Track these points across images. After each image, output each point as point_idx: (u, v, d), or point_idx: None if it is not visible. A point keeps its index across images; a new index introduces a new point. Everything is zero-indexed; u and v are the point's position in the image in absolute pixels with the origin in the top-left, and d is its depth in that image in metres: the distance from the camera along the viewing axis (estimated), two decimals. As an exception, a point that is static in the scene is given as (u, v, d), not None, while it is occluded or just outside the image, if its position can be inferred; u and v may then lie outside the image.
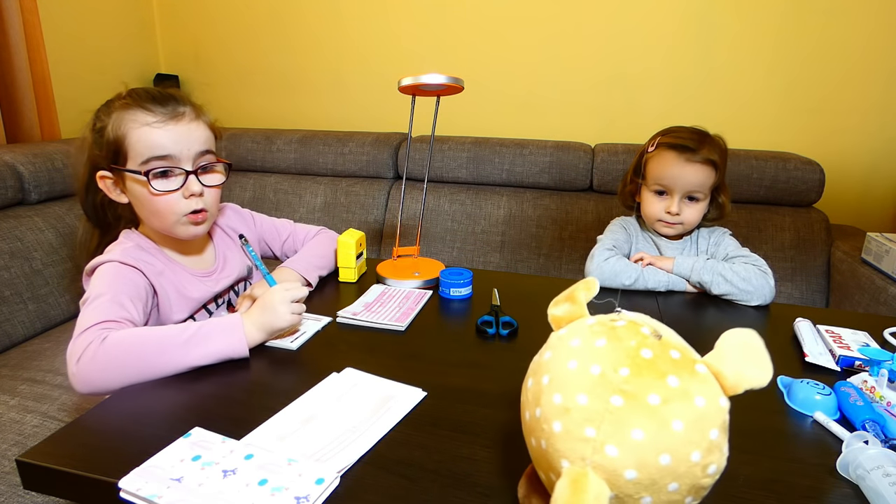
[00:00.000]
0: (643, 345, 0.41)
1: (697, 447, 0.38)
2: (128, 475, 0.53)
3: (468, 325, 0.92)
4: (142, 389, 0.70)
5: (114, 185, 0.85)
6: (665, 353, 0.41)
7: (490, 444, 0.60)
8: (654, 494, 0.39)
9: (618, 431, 0.39)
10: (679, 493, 0.39)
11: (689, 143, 1.05)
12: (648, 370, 0.40)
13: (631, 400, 0.39)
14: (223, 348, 0.73)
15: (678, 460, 0.38)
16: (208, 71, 2.26)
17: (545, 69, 1.93)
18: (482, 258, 1.75)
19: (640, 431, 0.38)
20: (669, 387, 0.39)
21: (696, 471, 0.39)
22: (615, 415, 0.39)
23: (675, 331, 0.45)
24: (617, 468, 0.39)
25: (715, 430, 0.39)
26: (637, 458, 0.38)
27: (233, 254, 1.00)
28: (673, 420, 0.38)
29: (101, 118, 0.84)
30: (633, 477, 0.38)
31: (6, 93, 1.63)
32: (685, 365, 0.41)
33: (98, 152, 0.83)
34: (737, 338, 0.42)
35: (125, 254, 0.83)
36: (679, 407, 0.39)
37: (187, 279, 0.90)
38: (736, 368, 0.40)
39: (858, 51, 1.68)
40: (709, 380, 0.40)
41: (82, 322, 0.72)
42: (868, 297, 1.36)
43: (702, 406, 0.39)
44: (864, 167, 1.77)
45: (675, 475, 0.38)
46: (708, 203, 1.09)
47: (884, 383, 0.70)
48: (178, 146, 0.82)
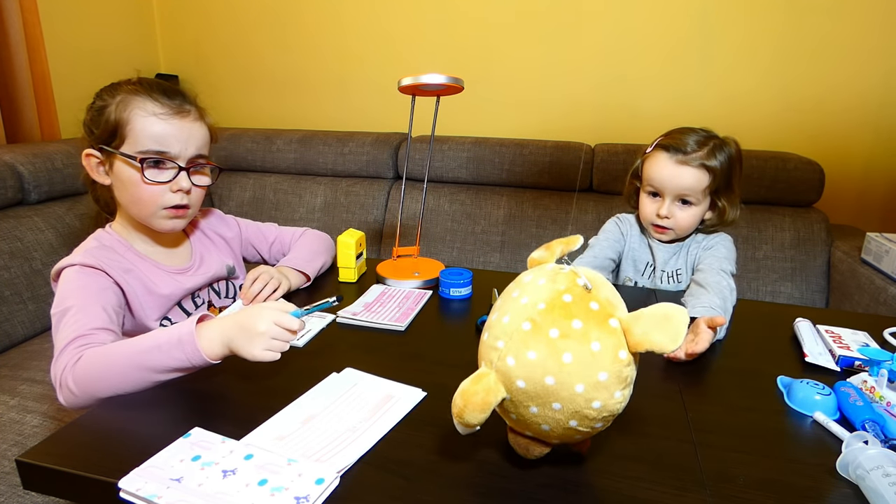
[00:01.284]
0: (570, 291, 0.49)
1: (582, 381, 0.47)
2: (128, 475, 0.53)
3: (468, 325, 0.92)
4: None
5: (98, 164, 0.85)
6: (584, 302, 0.49)
7: (490, 444, 0.60)
8: (539, 407, 0.49)
9: (518, 348, 0.49)
10: (562, 413, 0.48)
11: (683, 144, 1.01)
12: (560, 310, 0.48)
13: (535, 327, 0.48)
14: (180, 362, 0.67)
15: (561, 385, 0.47)
16: (208, 71, 2.26)
17: (545, 69, 1.93)
18: (482, 258, 1.75)
19: (534, 353, 0.48)
20: (571, 327, 0.47)
21: (578, 400, 0.47)
22: (520, 335, 0.49)
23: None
24: (511, 376, 0.49)
25: (604, 374, 0.47)
26: (526, 372, 0.48)
27: (210, 255, 0.99)
28: (564, 353, 0.47)
29: (104, 97, 0.83)
30: (522, 386, 0.48)
31: (6, 93, 1.63)
32: (598, 315, 0.48)
33: (92, 129, 0.83)
34: (662, 308, 0.47)
35: (87, 255, 0.82)
36: (572, 344, 0.47)
37: (157, 275, 0.89)
38: (644, 329, 0.47)
39: (858, 51, 1.68)
40: (616, 333, 0.48)
41: (57, 341, 0.73)
42: (868, 297, 1.36)
43: (595, 350, 0.47)
44: (864, 167, 1.77)
45: (557, 397, 0.47)
46: (706, 207, 1.05)
47: (884, 383, 0.70)
48: (178, 143, 0.83)
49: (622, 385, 0.48)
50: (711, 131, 1.05)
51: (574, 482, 0.55)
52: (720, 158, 1.01)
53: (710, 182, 1.01)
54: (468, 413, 0.50)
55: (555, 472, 0.57)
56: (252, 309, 0.70)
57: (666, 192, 1.04)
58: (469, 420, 0.51)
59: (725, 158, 1.02)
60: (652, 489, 0.54)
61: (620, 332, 0.48)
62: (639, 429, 0.64)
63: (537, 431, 0.52)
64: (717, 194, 1.04)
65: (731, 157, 1.03)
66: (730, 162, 1.03)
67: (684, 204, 1.04)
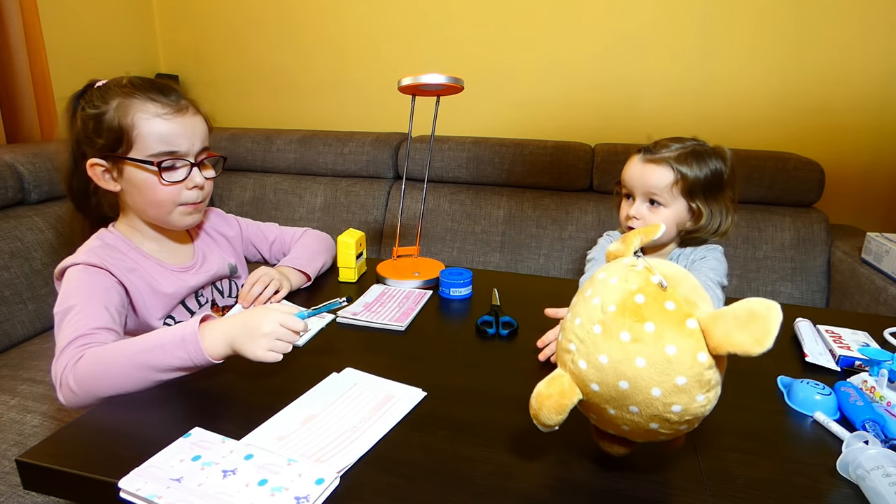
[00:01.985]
0: (643, 291, 0.47)
1: (658, 385, 0.45)
2: (128, 475, 0.53)
3: (468, 325, 0.92)
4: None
5: (105, 172, 0.84)
6: (659, 302, 0.46)
7: (490, 444, 0.60)
8: (617, 410, 0.48)
9: (589, 352, 0.48)
10: (640, 416, 0.47)
11: (656, 146, 1.00)
12: (631, 312, 0.46)
13: (606, 331, 0.47)
14: (183, 362, 0.67)
15: (636, 389, 0.46)
16: (208, 71, 2.26)
17: (545, 69, 1.93)
18: (482, 258, 1.75)
19: (606, 357, 0.46)
20: (643, 330, 0.45)
21: (656, 404, 0.45)
22: (591, 338, 0.48)
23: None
24: (584, 379, 0.48)
25: (682, 378, 0.45)
26: (599, 376, 0.47)
27: (212, 253, 1.00)
28: (637, 357, 0.45)
29: (97, 104, 0.82)
30: (596, 390, 0.48)
31: (6, 93, 1.63)
32: (674, 316, 0.45)
33: (94, 139, 0.82)
34: (748, 305, 0.43)
35: (91, 254, 0.82)
36: (645, 348, 0.45)
37: (161, 273, 0.89)
38: (725, 331, 0.43)
39: (858, 50, 1.68)
40: (694, 334, 0.45)
41: (59, 340, 0.73)
42: (868, 297, 1.36)
43: (671, 354, 0.44)
44: (864, 167, 1.77)
45: (633, 401, 0.46)
46: (678, 211, 1.00)
47: (884, 383, 0.70)
48: (186, 140, 0.83)
49: (705, 388, 0.45)
50: (702, 142, 1.01)
51: (574, 482, 0.55)
52: (695, 163, 0.97)
53: (677, 181, 0.97)
54: (543, 415, 0.50)
55: (555, 472, 0.57)
56: (258, 310, 0.70)
57: (635, 192, 1.02)
58: (545, 421, 0.51)
59: (704, 163, 0.98)
60: (652, 489, 0.54)
61: (699, 334, 0.45)
62: (639, 429, 0.64)
63: (619, 431, 0.51)
64: (691, 197, 0.99)
65: (715, 163, 0.99)
66: (711, 169, 0.98)
67: (653, 205, 1.01)
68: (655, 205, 1.01)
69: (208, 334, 0.68)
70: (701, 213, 1.00)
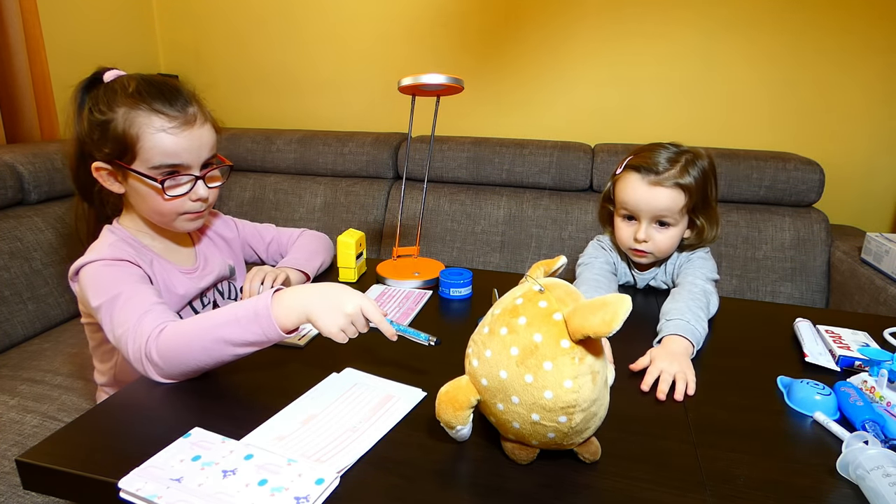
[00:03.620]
0: (523, 296, 0.54)
1: (529, 371, 0.50)
2: (128, 475, 0.53)
3: (468, 325, 0.92)
4: (142, 389, 0.70)
5: (109, 175, 0.84)
6: (533, 303, 0.53)
7: (490, 444, 0.60)
8: (504, 403, 0.53)
9: (479, 349, 0.55)
10: (522, 406, 0.52)
11: (654, 164, 0.96)
12: (510, 312, 0.54)
13: (491, 330, 0.54)
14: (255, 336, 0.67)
15: (513, 378, 0.51)
16: (208, 71, 2.26)
17: (545, 69, 1.93)
18: (482, 258, 1.75)
19: (490, 351, 0.53)
20: (517, 323, 0.52)
21: (531, 390, 0.51)
22: (482, 338, 0.55)
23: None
24: (477, 376, 0.55)
25: (548, 363, 0.50)
26: (486, 370, 0.53)
27: (213, 255, 1.00)
28: (511, 346, 0.52)
29: (104, 111, 0.81)
30: (486, 384, 0.54)
31: (6, 93, 1.63)
32: (544, 311, 0.52)
33: (100, 146, 0.81)
34: (602, 297, 0.50)
35: (113, 249, 0.82)
36: (517, 338, 0.52)
37: (172, 273, 0.90)
38: (582, 316, 0.49)
39: (858, 50, 1.68)
40: (558, 324, 0.51)
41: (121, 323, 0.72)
42: (868, 297, 1.36)
43: (538, 341, 0.51)
44: (864, 167, 1.77)
45: (513, 389, 0.52)
46: (684, 227, 1.00)
47: (884, 383, 0.70)
48: (191, 154, 0.82)
49: (572, 374, 0.50)
50: (681, 145, 0.99)
51: (574, 482, 0.55)
52: (694, 174, 0.96)
53: (687, 201, 0.96)
54: (442, 412, 0.56)
55: (555, 472, 0.57)
56: (341, 287, 0.71)
57: (642, 215, 0.98)
58: (445, 419, 0.56)
59: (699, 173, 0.97)
60: (652, 489, 0.54)
61: (563, 324, 0.51)
62: (639, 429, 0.64)
63: (514, 432, 0.55)
64: (694, 212, 0.99)
65: (705, 171, 0.98)
66: (704, 177, 0.97)
67: (662, 226, 0.99)
68: (664, 225, 0.99)
69: (282, 303, 0.67)
70: (703, 227, 1.00)
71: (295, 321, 0.67)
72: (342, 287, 0.71)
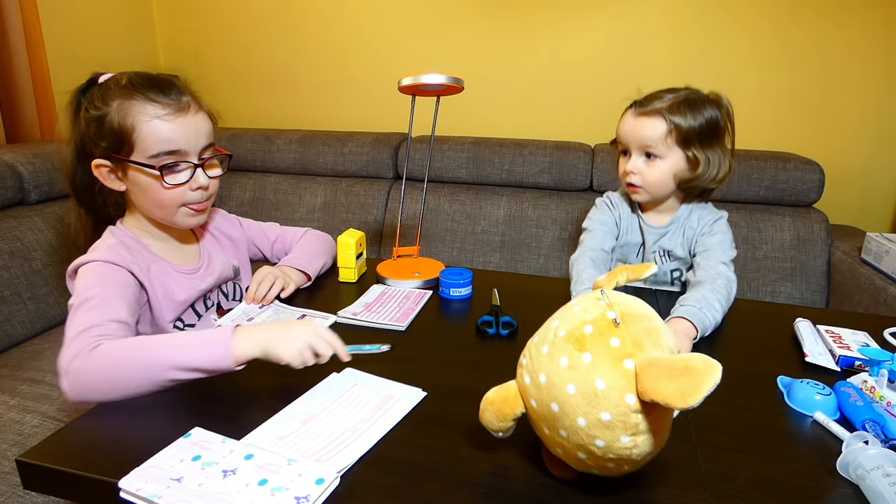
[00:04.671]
0: (594, 323, 0.48)
1: (584, 416, 0.46)
2: (128, 475, 0.53)
3: (468, 325, 0.92)
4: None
5: (109, 172, 0.84)
6: (605, 337, 0.47)
7: (490, 444, 0.60)
8: (550, 430, 0.50)
9: (534, 369, 0.50)
10: (569, 442, 0.49)
11: (647, 99, 1.00)
12: (575, 341, 0.48)
13: (550, 353, 0.49)
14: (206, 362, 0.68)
15: (564, 414, 0.47)
16: (208, 71, 2.26)
17: (545, 69, 1.93)
18: (482, 258, 1.75)
19: (545, 377, 0.49)
20: (580, 359, 0.47)
21: (581, 433, 0.47)
22: (539, 357, 0.50)
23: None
24: (526, 393, 0.52)
25: (606, 414, 0.45)
26: (537, 394, 0.50)
27: (217, 254, 0.99)
28: (568, 384, 0.47)
29: (98, 105, 0.81)
30: (534, 406, 0.51)
31: (6, 93, 1.63)
32: (615, 353, 0.46)
33: (97, 141, 0.82)
34: (689, 359, 0.43)
35: (111, 252, 0.81)
36: (577, 376, 0.46)
37: (172, 276, 0.89)
38: (655, 377, 0.43)
39: (858, 51, 1.68)
40: (627, 375, 0.45)
41: (70, 328, 0.71)
42: (868, 297, 1.36)
43: (600, 388, 0.45)
44: (864, 167, 1.77)
45: (562, 425, 0.48)
46: (675, 163, 1.00)
47: (884, 383, 0.70)
48: (188, 141, 0.83)
49: (630, 431, 0.45)
50: (696, 90, 1.01)
51: (574, 482, 0.55)
52: (689, 111, 0.97)
53: (671, 131, 0.97)
54: (485, 418, 0.54)
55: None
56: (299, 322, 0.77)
57: (630, 146, 1.03)
58: (487, 424, 0.54)
59: (696, 108, 0.97)
60: (652, 489, 0.54)
61: (633, 375, 0.45)
62: (639, 429, 0.64)
63: (556, 453, 0.53)
64: (686, 145, 0.99)
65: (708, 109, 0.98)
66: (703, 114, 0.97)
67: (649, 158, 1.01)
68: (652, 158, 1.01)
69: (239, 337, 0.69)
70: (698, 161, 0.99)
71: (250, 355, 0.69)
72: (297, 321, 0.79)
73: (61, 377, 0.68)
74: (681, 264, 1.09)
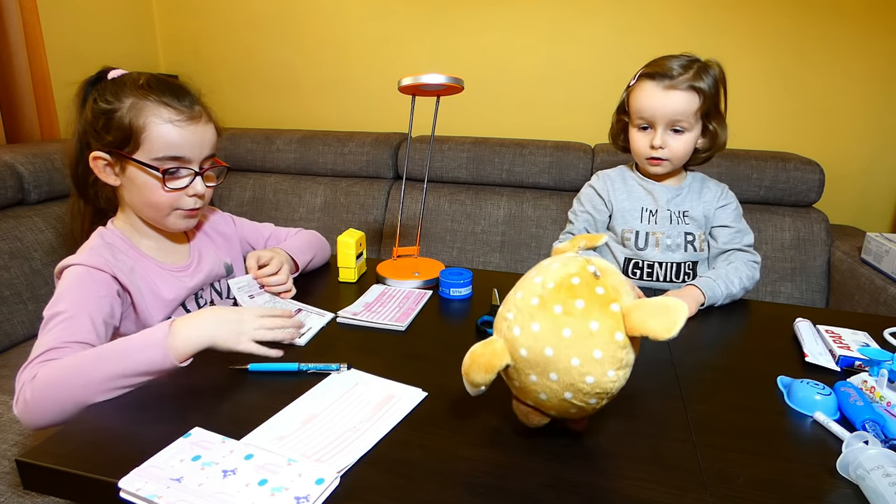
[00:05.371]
0: (578, 275, 0.54)
1: (578, 356, 0.51)
2: (128, 475, 0.53)
3: (468, 325, 0.92)
4: (142, 389, 0.70)
5: (106, 166, 0.84)
6: (591, 286, 0.53)
7: (490, 444, 0.60)
8: (539, 376, 0.53)
9: (525, 320, 0.54)
10: (558, 384, 0.52)
11: (668, 70, 0.99)
12: (566, 290, 0.53)
13: (542, 303, 0.53)
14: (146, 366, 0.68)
15: (558, 357, 0.51)
16: (208, 71, 2.26)
17: (545, 69, 1.93)
18: (482, 258, 1.75)
19: (538, 325, 0.53)
20: (574, 305, 0.52)
21: (573, 373, 0.51)
22: (528, 309, 0.54)
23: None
24: (516, 344, 0.54)
25: (599, 352, 0.51)
26: (529, 342, 0.53)
27: (208, 252, 0.99)
28: (564, 328, 0.51)
29: (110, 100, 0.82)
30: (524, 355, 0.53)
31: (6, 93, 1.63)
32: (602, 299, 0.52)
33: (102, 133, 0.82)
34: (663, 300, 0.51)
35: (93, 255, 0.81)
36: (572, 321, 0.52)
37: (159, 275, 0.89)
38: (642, 316, 0.50)
39: (858, 51, 1.68)
40: (615, 316, 0.52)
41: (35, 347, 0.71)
42: (868, 297, 1.36)
43: (594, 329, 0.51)
44: (864, 167, 1.77)
45: (555, 368, 0.52)
46: (698, 133, 1.02)
47: (884, 383, 0.70)
48: (193, 149, 0.84)
49: (616, 365, 0.51)
50: (693, 55, 1.03)
51: (574, 482, 0.55)
52: (707, 80, 1.00)
53: (701, 104, 0.99)
54: (473, 371, 0.55)
55: (555, 472, 0.57)
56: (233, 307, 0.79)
57: (657, 122, 1.01)
58: (474, 378, 0.55)
59: (712, 80, 1.00)
60: (652, 489, 0.54)
61: (620, 316, 0.52)
62: (639, 429, 0.64)
63: (536, 400, 0.56)
64: (707, 118, 1.02)
65: (717, 78, 1.01)
66: (716, 83, 1.01)
67: (676, 133, 1.01)
68: (679, 132, 1.01)
69: (177, 336, 0.69)
70: (717, 133, 1.03)
71: (193, 350, 0.70)
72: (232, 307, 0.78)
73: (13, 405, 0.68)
74: (695, 227, 1.08)
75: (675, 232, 1.08)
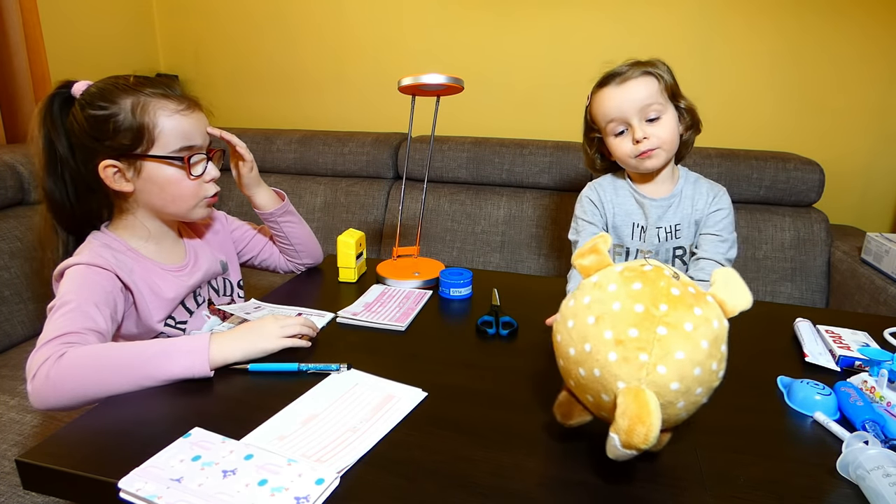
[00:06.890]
0: (671, 284, 0.52)
1: (715, 359, 0.51)
2: (128, 475, 0.53)
3: (468, 325, 0.92)
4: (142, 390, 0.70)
5: (116, 173, 0.82)
6: (685, 289, 0.52)
7: (489, 444, 0.60)
8: (686, 398, 0.51)
9: (666, 354, 0.49)
10: (701, 396, 0.52)
11: (616, 70, 1.03)
12: (681, 304, 0.51)
13: (672, 329, 0.50)
14: (183, 370, 0.69)
15: (704, 370, 0.50)
16: (208, 70, 2.26)
17: (545, 69, 1.93)
18: (482, 258, 1.75)
19: (682, 353, 0.49)
20: (696, 315, 0.51)
21: (713, 377, 0.51)
22: (662, 342, 0.49)
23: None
24: (665, 382, 0.49)
25: (724, 345, 0.52)
26: (679, 373, 0.49)
27: (203, 251, 0.99)
28: (702, 340, 0.50)
29: (103, 105, 0.79)
30: (677, 388, 0.50)
31: (6, 93, 1.63)
32: (700, 297, 0.53)
33: (112, 140, 0.80)
34: (724, 276, 0.54)
35: (94, 255, 0.80)
36: (705, 330, 0.50)
37: (159, 275, 0.89)
38: (728, 298, 0.53)
39: (858, 51, 1.68)
40: (716, 307, 0.53)
41: (44, 334, 0.70)
42: (868, 297, 1.36)
43: (716, 327, 0.51)
44: (864, 167, 1.77)
45: (700, 382, 0.50)
46: (674, 115, 1.01)
47: (884, 383, 0.70)
48: (200, 135, 0.87)
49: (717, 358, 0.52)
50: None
51: (574, 482, 0.55)
52: (658, 67, 1.02)
53: (662, 86, 1.00)
54: (636, 436, 0.47)
55: (554, 472, 0.57)
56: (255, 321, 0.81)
57: (630, 117, 0.99)
58: (640, 445, 0.47)
59: (664, 67, 1.03)
60: (652, 489, 0.54)
61: (716, 305, 0.53)
62: (639, 429, 0.64)
63: (675, 422, 0.54)
64: (675, 98, 1.02)
65: (667, 67, 1.04)
66: (668, 71, 1.03)
67: (652, 122, 0.99)
68: (654, 121, 1.00)
69: (219, 345, 0.73)
70: (692, 109, 1.04)
71: (228, 361, 0.73)
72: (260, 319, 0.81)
73: (28, 381, 0.67)
74: (686, 240, 1.07)
75: (664, 248, 1.08)
